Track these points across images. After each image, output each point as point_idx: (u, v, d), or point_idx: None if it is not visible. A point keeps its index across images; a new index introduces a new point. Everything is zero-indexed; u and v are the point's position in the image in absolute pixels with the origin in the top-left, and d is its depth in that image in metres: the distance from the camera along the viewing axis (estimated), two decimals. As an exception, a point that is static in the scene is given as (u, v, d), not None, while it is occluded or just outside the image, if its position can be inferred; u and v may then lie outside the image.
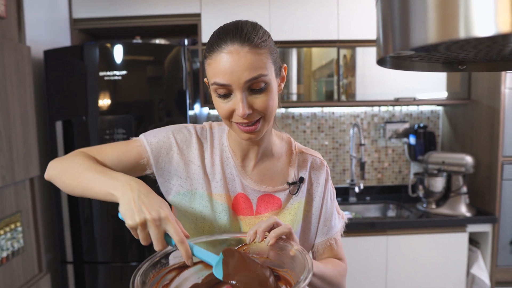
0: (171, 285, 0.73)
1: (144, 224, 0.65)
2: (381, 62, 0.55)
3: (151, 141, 0.87)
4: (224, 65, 0.74)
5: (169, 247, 0.73)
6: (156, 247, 0.66)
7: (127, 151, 0.86)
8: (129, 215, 0.66)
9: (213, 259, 0.70)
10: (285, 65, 0.88)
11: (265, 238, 0.72)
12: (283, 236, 0.73)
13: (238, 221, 0.88)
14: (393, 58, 0.58)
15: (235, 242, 0.79)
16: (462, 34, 0.41)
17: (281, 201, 0.89)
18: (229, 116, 0.79)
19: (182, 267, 0.75)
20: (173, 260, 0.75)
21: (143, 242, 0.67)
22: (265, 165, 0.91)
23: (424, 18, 0.44)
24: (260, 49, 0.76)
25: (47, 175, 0.84)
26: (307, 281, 0.60)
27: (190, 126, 0.92)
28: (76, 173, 0.77)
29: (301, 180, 0.92)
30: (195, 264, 0.76)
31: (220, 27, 0.80)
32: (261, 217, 0.88)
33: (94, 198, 0.76)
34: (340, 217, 0.98)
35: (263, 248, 0.75)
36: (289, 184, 0.91)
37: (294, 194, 0.91)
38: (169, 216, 0.67)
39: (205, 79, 0.86)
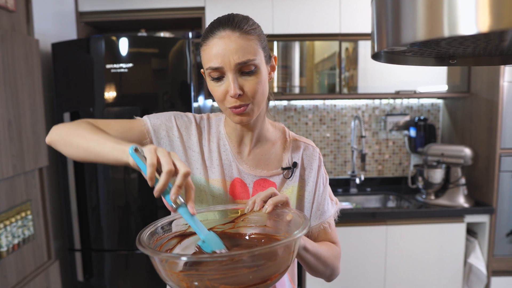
0: (173, 250, 0.77)
1: (169, 154, 0.68)
2: (375, 56, 0.59)
3: (154, 123, 0.93)
4: (217, 49, 0.81)
5: (173, 216, 0.77)
6: (183, 170, 0.67)
7: (131, 129, 0.90)
8: (149, 148, 0.69)
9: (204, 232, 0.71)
10: (275, 55, 0.93)
11: (263, 207, 0.77)
12: (279, 205, 0.78)
13: None
14: (387, 53, 0.62)
15: (234, 212, 0.84)
16: (446, 33, 0.45)
17: (276, 185, 0.94)
18: (223, 99, 0.85)
19: (184, 235, 0.79)
20: (176, 227, 0.80)
21: (167, 166, 0.66)
22: (259, 150, 0.96)
23: (413, 17, 0.49)
24: (250, 35, 0.83)
25: (49, 138, 0.86)
26: (304, 232, 0.64)
27: (190, 114, 0.99)
28: (85, 133, 0.81)
29: (295, 165, 0.96)
30: (195, 234, 0.80)
31: (214, 19, 0.87)
32: None
33: (101, 156, 0.77)
34: (333, 202, 1.03)
35: (261, 217, 0.80)
36: (283, 169, 0.95)
37: (288, 178, 0.96)
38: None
39: (202, 70, 0.91)
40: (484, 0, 0.43)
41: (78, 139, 0.81)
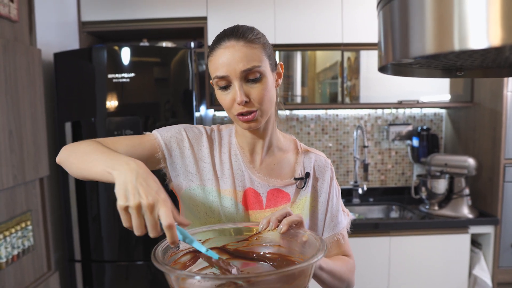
0: (189, 268, 0.75)
1: (139, 208, 0.63)
2: (382, 69, 0.58)
3: (164, 136, 0.93)
4: (222, 59, 0.84)
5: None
6: (151, 233, 0.63)
7: (141, 143, 0.90)
8: (122, 195, 0.63)
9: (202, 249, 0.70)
10: (281, 62, 0.95)
11: (277, 226, 0.77)
12: (294, 225, 0.78)
13: (248, 216, 0.92)
14: (394, 65, 0.61)
15: (247, 231, 0.83)
16: (457, 47, 0.44)
17: (290, 196, 0.94)
18: (231, 107, 0.86)
19: (197, 251, 0.76)
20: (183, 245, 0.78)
21: (137, 231, 0.63)
22: (272, 159, 0.96)
23: (422, 30, 0.47)
24: (254, 44, 0.85)
25: (58, 158, 0.85)
26: (321, 256, 0.63)
27: (200, 126, 0.99)
28: (82, 154, 0.78)
29: (307, 175, 0.96)
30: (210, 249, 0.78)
31: (221, 31, 0.89)
32: (271, 211, 0.92)
33: (95, 179, 0.74)
34: (345, 214, 1.03)
35: (275, 237, 0.80)
36: (296, 179, 0.95)
37: (301, 188, 0.95)
38: (165, 200, 0.64)
39: (211, 81, 0.92)
40: (496, 14, 0.42)
41: (77, 162, 0.79)
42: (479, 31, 0.43)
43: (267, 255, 0.79)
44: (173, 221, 0.62)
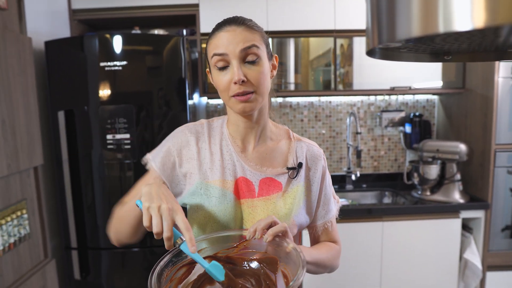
0: (186, 279, 0.81)
1: (159, 208, 0.74)
2: (370, 53, 0.59)
3: (158, 166, 0.96)
4: (223, 39, 0.87)
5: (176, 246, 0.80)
6: (166, 233, 0.73)
7: (148, 180, 0.96)
8: (148, 199, 0.76)
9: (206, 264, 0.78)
10: (276, 55, 0.97)
11: (264, 235, 0.80)
12: (279, 234, 0.81)
13: (239, 205, 0.93)
14: (382, 49, 0.62)
15: (236, 237, 0.87)
16: (441, 29, 0.45)
17: (282, 185, 0.95)
18: (228, 88, 0.87)
19: (192, 263, 0.82)
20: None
21: (155, 228, 0.73)
22: (264, 148, 0.97)
23: (408, 13, 0.48)
24: (253, 30, 0.89)
25: (115, 242, 0.98)
26: (301, 279, 0.68)
27: (184, 129, 0.99)
28: (119, 218, 0.93)
29: (300, 165, 0.97)
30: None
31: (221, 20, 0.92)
32: (263, 199, 0.93)
33: (136, 222, 0.87)
34: (335, 201, 1.06)
35: (262, 244, 0.83)
36: (288, 168, 0.96)
37: (294, 178, 0.96)
38: (181, 210, 0.77)
39: (207, 70, 0.94)
40: (479, -4, 0.42)
41: (119, 224, 0.93)
42: (463, 13, 0.44)
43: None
44: (189, 226, 0.75)
